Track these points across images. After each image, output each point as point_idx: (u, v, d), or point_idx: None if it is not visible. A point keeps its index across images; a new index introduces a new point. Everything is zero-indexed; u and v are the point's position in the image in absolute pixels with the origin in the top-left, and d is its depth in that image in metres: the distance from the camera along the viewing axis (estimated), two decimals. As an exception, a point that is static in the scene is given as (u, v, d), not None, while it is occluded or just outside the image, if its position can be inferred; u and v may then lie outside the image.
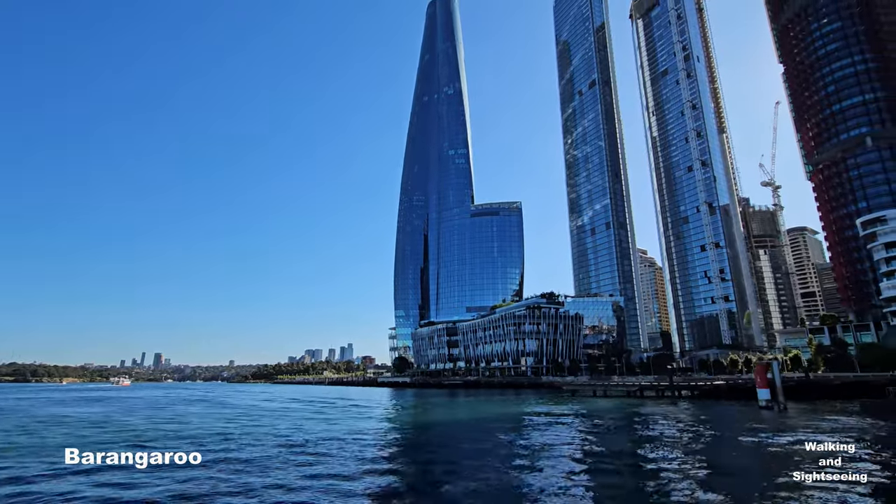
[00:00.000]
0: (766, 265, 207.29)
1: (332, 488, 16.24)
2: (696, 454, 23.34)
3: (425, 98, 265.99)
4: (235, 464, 20.63)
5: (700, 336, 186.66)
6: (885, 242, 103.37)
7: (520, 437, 30.30)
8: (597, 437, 30.55)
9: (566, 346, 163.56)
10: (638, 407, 52.05)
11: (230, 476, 17.98)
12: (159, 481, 16.60)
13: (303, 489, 16.07)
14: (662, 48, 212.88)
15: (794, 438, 25.97)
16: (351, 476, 18.32)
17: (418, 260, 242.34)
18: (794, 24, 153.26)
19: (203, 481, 16.88)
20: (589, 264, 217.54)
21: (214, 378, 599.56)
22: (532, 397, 77.33)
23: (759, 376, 42.53)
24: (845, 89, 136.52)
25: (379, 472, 19.32)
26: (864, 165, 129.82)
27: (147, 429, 34.91)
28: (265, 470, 19.33)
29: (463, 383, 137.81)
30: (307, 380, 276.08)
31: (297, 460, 21.71)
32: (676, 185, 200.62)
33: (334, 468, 19.79)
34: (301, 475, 18.30)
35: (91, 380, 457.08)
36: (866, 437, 26.42)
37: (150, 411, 52.07)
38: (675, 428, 33.52)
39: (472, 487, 16.46)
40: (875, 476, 16.49)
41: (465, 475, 18.54)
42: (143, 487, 15.88)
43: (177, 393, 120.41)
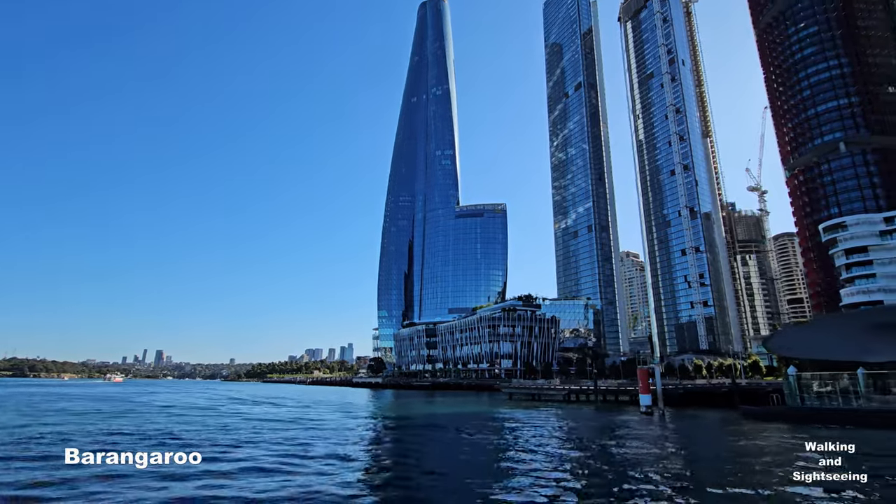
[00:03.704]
0: (753, 270, 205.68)
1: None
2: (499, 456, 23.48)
3: (414, 99, 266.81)
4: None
5: (681, 340, 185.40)
6: (846, 249, 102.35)
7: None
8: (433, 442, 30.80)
9: (541, 349, 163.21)
10: (546, 411, 52.05)
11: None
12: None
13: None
14: (649, 51, 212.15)
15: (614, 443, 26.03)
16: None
17: (403, 260, 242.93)
18: (773, 27, 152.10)
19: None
20: (571, 267, 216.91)
21: (213, 376, 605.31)
22: (468, 400, 77.59)
23: (642, 382, 42.42)
24: (821, 94, 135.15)
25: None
26: (837, 171, 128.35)
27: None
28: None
29: (431, 385, 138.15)
30: (295, 379, 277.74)
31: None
32: (660, 188, 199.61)
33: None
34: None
35: (89, 376, 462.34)
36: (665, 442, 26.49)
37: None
38: (532, 433, 33.57)
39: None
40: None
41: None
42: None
43: (137, 389, 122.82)
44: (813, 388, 37.34)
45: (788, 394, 39.51)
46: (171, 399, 74.28)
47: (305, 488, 15.01)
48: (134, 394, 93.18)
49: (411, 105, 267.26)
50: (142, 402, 64.12)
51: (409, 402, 73.02)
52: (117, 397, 76.53)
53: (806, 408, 36.88)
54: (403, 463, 21.40)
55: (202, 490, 14.33)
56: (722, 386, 66.27)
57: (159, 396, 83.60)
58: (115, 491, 14.04)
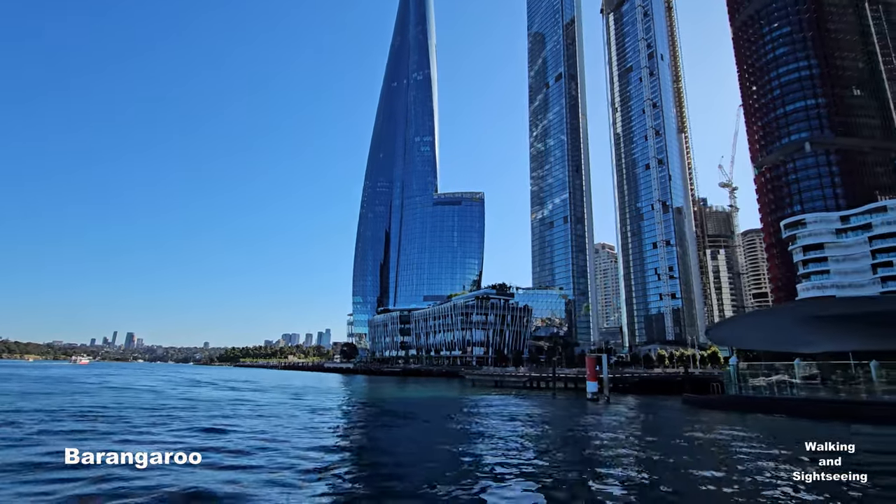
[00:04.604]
0: (721, 265, 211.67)
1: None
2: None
3: (394, 83, 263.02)
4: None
5: (649, 331, 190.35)
6: (803, 245, 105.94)
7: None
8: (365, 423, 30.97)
9: (513, 337, 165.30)
10: (501, 397, 52.83)
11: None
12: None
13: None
14: (630, 45, 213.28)
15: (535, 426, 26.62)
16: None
17: (379, 247, 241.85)
18: (749, 25, 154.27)
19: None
20: (547, 258, 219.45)
21: (187, 360, 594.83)
22: (437, 386, 78.23)
23: (589, 370, 43.57)
24: (790, 94, 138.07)
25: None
26: (801, 170, 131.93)
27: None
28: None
29: (402, 371, 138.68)
30: (268, 363, 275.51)
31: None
32: (636, 182, 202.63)
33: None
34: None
35: (55, 357, 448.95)
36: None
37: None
38: (470, 414, 33.97)
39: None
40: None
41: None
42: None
43: (98, 371, 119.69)
44: (748, 378, 38.87)
45: (728, 383, 41.05)
46: (123, 381, 72.67)
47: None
48: (89, 376, 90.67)
49: (392, 89, 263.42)
50: (89, 384, 62.36)
51: (374, 388, 73.18)
52: (65, 379, 74.23)
53: (742, 397, 38.36)
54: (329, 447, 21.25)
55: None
56: (677, 375, 68.36)
57: (117, 379, 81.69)
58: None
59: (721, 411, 37.41)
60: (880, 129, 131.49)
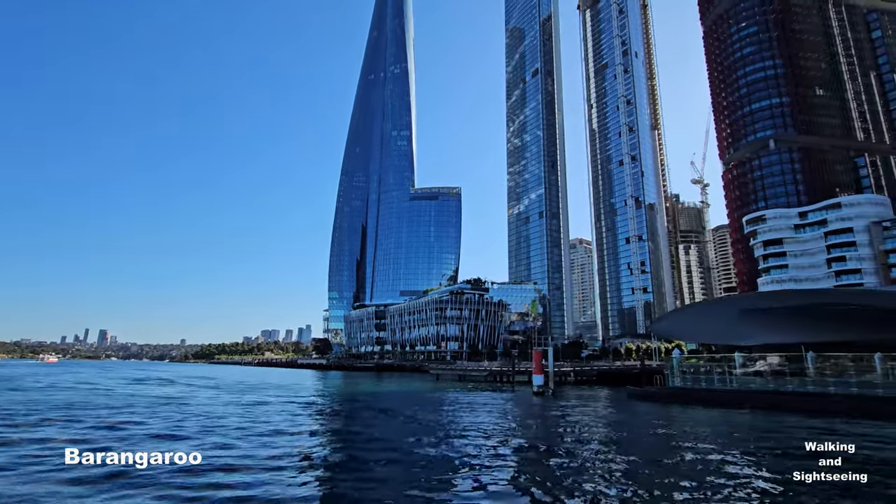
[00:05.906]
0: (693, 260, 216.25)
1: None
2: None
3: (371, 76, 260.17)
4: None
5: (622, 325, 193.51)
6: (764, 241, 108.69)
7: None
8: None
9: (487, 332, 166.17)
10: (457, 392, 52.95)
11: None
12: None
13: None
14: (605, 42, 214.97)
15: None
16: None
17: (355, 241, 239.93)
18: (718, 24, 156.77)
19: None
20: (523, 252, 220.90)
21: (162, 357, 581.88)
22: (403, 380, 78.15)
23: (535, 363, 43.96)
24: (756, 92, 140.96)
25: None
26: (766, 167, 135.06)
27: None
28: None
29: (375, 366, 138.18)
30: (243, 360, 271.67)
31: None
32: (610, 177, 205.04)
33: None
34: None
35: (22, 356, 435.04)
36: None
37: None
38: (418, 405, 33.93)
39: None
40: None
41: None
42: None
43: (61, 369, 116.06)
44: (685, 370, 39.73)
45: (669, 375, 41.89)
46: (81, 379, 70.66)
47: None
48: (39, 375, 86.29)
49: (369, 82, 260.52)
50: (28, 384, 60.16)
51: (333, 382, 72.68)
52: (13, 377, 71.74)
53: (678, 388, 39.19)
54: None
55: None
56: (634, 367, 69.57)
57: (78, 376, 79.47)
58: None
59: (659, 403, 38.12)
60: (841, 128, 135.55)
